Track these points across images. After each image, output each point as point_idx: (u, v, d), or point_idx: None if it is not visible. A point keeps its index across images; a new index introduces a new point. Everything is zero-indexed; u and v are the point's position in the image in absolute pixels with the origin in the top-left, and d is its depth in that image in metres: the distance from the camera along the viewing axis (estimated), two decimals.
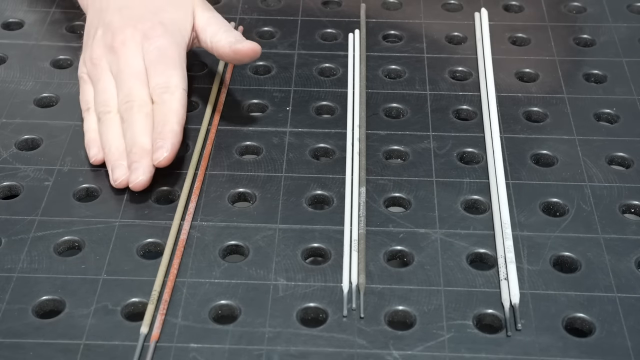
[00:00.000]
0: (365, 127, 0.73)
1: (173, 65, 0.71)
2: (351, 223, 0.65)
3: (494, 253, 0.64)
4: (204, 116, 0.74)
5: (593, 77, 0.81)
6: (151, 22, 0.72)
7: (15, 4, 0.89)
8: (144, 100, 0.69)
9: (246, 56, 0.72)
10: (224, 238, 0.65)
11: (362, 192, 0.67)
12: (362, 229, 0.65)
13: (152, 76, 0.70)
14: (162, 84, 0.70)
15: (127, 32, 0.72)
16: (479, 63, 0.81)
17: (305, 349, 0.57)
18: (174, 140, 0.67)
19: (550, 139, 0.73)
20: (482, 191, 0.68)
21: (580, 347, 0.57)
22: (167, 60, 0.71)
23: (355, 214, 0.66)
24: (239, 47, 0.72)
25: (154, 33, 0.72)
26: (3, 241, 0.64)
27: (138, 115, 0.68)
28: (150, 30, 0.72)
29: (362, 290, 0.60)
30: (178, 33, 0.73)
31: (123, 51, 0.71)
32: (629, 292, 0.61)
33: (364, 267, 0.62)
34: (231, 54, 0.73)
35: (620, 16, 0.88)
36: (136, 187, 0.66)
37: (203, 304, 0.60)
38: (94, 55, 0.73)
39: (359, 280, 0.61)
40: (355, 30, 0.84)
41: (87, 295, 0.60)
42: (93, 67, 0.72)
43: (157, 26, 0.72)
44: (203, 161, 0.70)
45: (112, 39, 0.72)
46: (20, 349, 0.57)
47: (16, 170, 0.70)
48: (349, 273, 0.62)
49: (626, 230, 0.65)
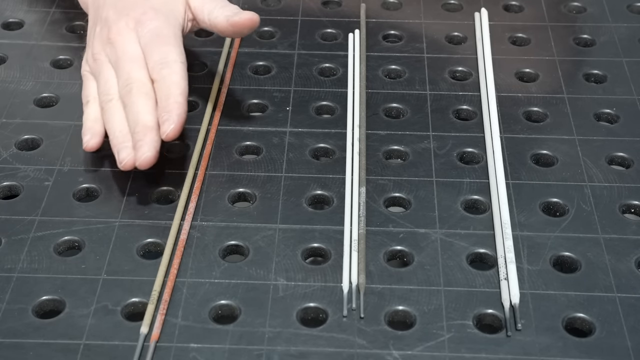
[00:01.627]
0: (365, 127, 0.73)
1: (168, 42, 0.71)
2: (351, 223, 0.65)
3: (494, 253, 0.64)
4: (204, 116, 0.74)
5: (593, 77, 0.81)
6: (142, 8, 0.73)
7: (15, 4, 0.89)
8: (142, 81, 0.69)
9: (245, 27, 0.72)
10: (224, 238, 0.65)
11: (362, 192, 0.67)
12: (362, 229, 0.65)
13: (148, 56, 0.70)
14: (159, 61, 0.69)
15: (121, 23, 0.72)
16: (479, 63, 0.81)
17: (305, 349, 0.57)
18: (179, 112, 0.67)
19: (550, 139, 0.73)
20: (482, 191, 0.68)
21: (580, 347, 0.57)
22: (161, 39, 0.71)
23: (355, 214, 0.66)
24: (236, 19, 0.72)
25: (146, 17, 0.72)
26: (3, 241, 0.64)
27: (138, 96, 0.68)
28: (142, 15, 0.72)
29: (362, 290, 0.60)
30: (171, 14, 0.73)
31: (119, 41, 0.71)
32: (629, 292, 0.61)
33: (364, 267, 0.62)
34: (230, 28, 0.72)
35: (620, 16, 0.88)
36: (143, 165, 0.66)
37: (203, 304, 0.60)
38: (94, 51, 0.73)
39: (359, 280, 0.61)
40: (355, 30, 0.84)
41: (87, 295, 0.60)
42: (94, 62, 0.72)
43: (148, 11, 0.72)
44: (203, 161, 0.70)
45: (109, 32, 0.72)
46: (20, 349, 0.57)
47: (16, 170, 0.70)
48: (349, 273, 0.62)
49: (626, 230, 0.65)
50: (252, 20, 0.72)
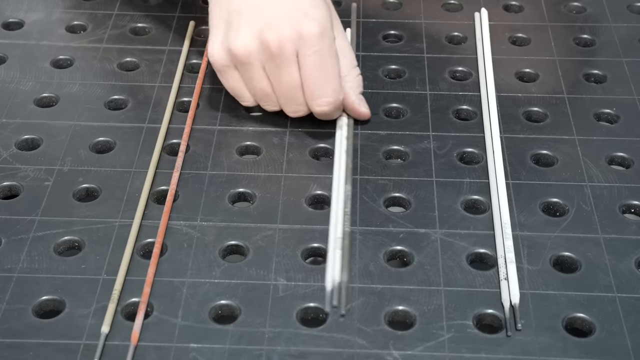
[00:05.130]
0: (352, 127, 0.73)
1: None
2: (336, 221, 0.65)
3: (494, 253, 0.64)
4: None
5: (593, 77, 0.81)
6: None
7: (15, 4, 0.89)
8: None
9: (357, 115, 0.75)
10: (224, 238, 0.65)
11: (347, 189, 0.67)
12: (348, 227, 0.64)
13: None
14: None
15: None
16: (479, 63, 0.81)
17: (305, 349, 0.57)
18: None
19: (550, 139, 0.73)
20: (482, 191, 0.68)
21: (580, 347, 0.58)
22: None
23: (341, 211, 0.65)
24: (356, 107, 0.74)
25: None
26: (3, 241, 0.64)
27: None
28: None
29: (344, 287, 0.60)
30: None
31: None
32: (629, 292, 0.61)
33: (347, 265, 0.62)
34: (347, 106, 0.74)
35: (620, 16, 0.88)
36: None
37: (203, 304, 0.60)
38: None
39: (342, 277, 0.61)
40: (347, 29, 0.84)
41: (87, 295, 0.60)
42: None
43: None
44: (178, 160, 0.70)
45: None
46: (20, 349, 0.57)
47: (16, 170, 0.70)
48: (332, 271, 0.61)
49: (626, 230, 0.65)
50: (365, 116, 0.74)
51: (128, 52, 0.82)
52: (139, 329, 0.58)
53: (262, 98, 0.73)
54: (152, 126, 0.74)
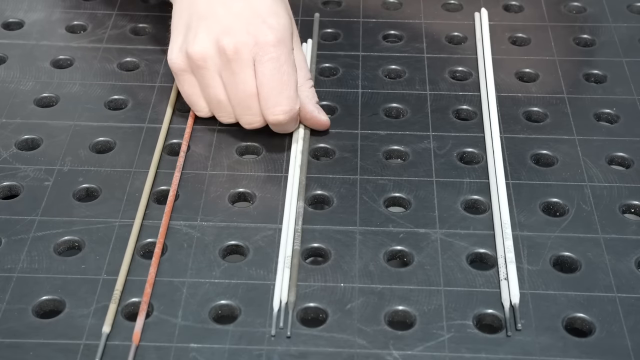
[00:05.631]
0: (308, 140, 0.72)
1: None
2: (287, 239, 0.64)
3: (494, 253, 0.64)
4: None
5: (593, 77, 0.81)
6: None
7: (15, 4, 0.89)
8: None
9: (315, 126, 0.74)
10: (224, 238, 0.65)
11: (300, 206, 0.66)
12: (297, 244, 0.63)
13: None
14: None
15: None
16: (479, 63, 0.81)
17: (305, 349, 0.57)
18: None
19: (550, 139, 0.73)
20: (482, 191, 0.68)
21: (580, 347, 0.58)
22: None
23: (291, 229, 0.65)
24: (315, 115, 0.73)
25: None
26: (3, 241, 0.64)
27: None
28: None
29: (290, 308, 0.59)
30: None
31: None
32: (629, 292, 0.61)
33: (295, 284, 0.61)
34: (304, 116, 0.72)
35: (620, 16, 0.88)
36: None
37: (203, 304, 0.60)
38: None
39: (289, 298, 0.60)
40: (308, 40, 0.83)
41: (87, 295, 0.60)
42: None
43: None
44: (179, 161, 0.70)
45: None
46: (20, 349, 0.57)
47: (16, 170, 0.70)
48: (279, 291, 0.60)
49: (626, 230, 0.65)
50: (324, 124, 0.73)
51: (128, 52, 0.82)
52: (141, 329, 0.58)
53: (216, 107, 0.72)
54: (152, 126, 0.74)
